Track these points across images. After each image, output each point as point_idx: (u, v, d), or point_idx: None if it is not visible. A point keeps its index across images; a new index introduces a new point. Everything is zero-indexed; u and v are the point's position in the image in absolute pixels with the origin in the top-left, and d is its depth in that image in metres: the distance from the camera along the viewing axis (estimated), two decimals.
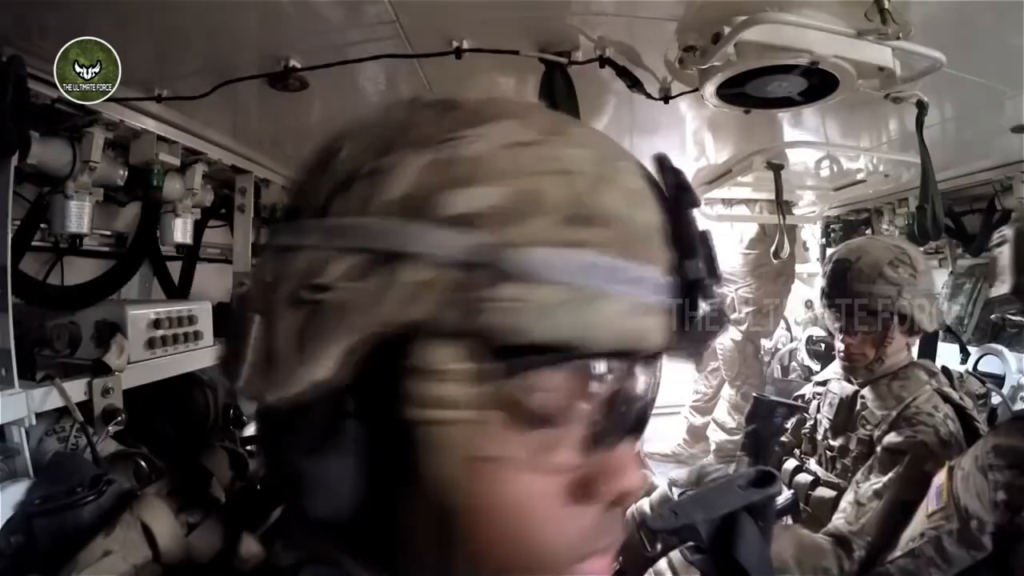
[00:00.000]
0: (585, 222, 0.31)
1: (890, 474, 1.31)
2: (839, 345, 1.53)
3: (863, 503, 1.31)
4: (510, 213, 0.30)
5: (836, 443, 1.51)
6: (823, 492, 1.48)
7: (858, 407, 1.49)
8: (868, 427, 1.44)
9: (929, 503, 1.17)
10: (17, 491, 1.05)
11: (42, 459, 1.24)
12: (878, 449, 1.38)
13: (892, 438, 1.36)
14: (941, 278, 2.66)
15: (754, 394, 1.97)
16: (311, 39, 1.11)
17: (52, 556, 0.51)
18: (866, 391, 1.49)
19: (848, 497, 1.36)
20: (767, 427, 1.72)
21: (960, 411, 1.39)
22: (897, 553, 1.18)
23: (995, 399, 1.87)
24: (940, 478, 1.17)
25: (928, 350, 2.10)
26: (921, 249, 1.67)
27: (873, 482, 1.33)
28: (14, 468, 1.14)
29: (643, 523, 0.69)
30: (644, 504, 1.87)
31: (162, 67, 1.22)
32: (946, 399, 1.41)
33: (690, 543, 0.61)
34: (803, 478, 1.54)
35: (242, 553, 0.43)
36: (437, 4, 1.03)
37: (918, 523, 1.18)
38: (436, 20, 1.07)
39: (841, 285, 1.48)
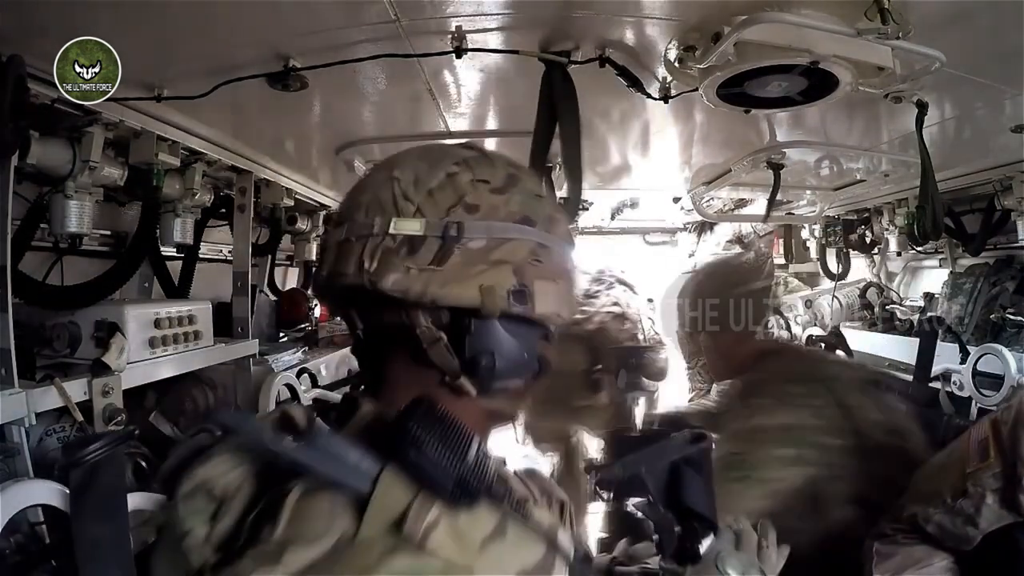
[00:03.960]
0: None
1: None
2: None
3: None
4: None
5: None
6: None
7: None
8: None
9: (969, 459, 1.12)
10: (17, 491, 1.05)
11: (42, 459, 1.25)
12: None
13: None
14: (941, 278, 2.66)
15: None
16: (311, 39, 1.11)
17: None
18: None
19: None
20: None
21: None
22: (930, 508, 1.13)
23: (993, 400, 1.88)
24: (981, 433, 1.13)
25: (927, 349, 2.10)
26: (920, 249, 1.69)
27: None
28: (14, 468, 1.14)
29: (599, 479, 0.82)
30: None
31: (162, 67, 1.22)
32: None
33: (638, 499, 0.73)
34: None
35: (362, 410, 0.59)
36: (437, 4, 1.03)
37: (955, 477, 1.13)
38: (436, 20, 1.07)
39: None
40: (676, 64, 1.16)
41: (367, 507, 0.47)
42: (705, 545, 0.73)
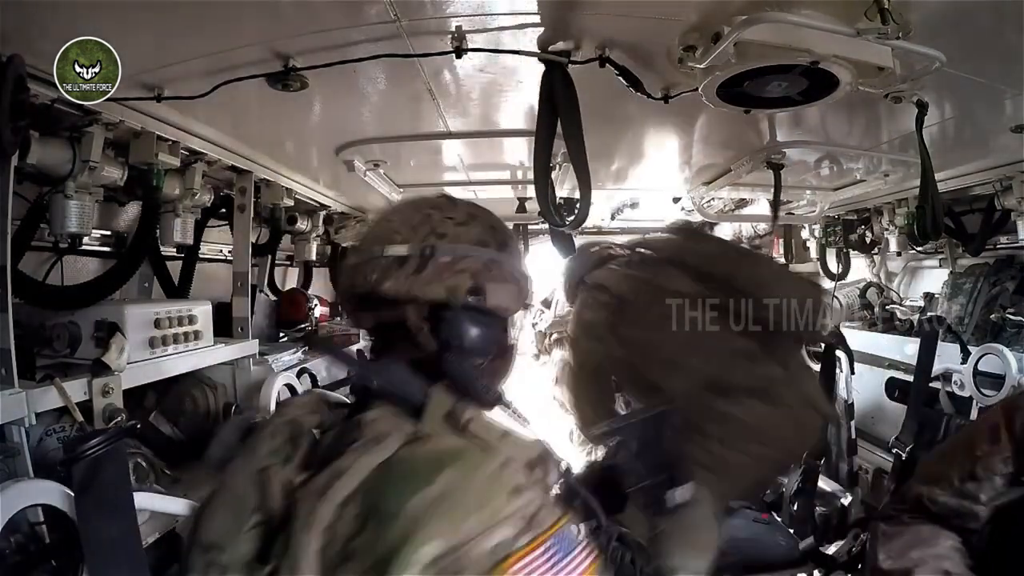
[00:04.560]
0: None
1: None
2: None
3: None
4: None
5: None
6: None
7: None
8: None
9: (979, 443, 1.14)
10: (17, 491, 1.05)
11: (42, 459, 1.25)
12: None
13: None
14: (941, 278, 2.66)
15: None
16: (311, 39, 1.11)
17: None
18: None
19: None
20: None
21: None
22: (936, 489, 1.16)
23: (993, 399, 1.88)
24: (993, 418, 1.15)
25: (928, 349, 2.10)
26: (920, 249, 1.67)
27: None
28: (14, 468, 1.14)
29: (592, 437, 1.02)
30: None
31: (162, 67, 1.22)
32: None
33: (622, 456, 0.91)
34: None
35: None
36: (437, 4, 1.03)
37: (963, 460, 1.15)
38: (436, 20, 1.07)
39: None
40: (676, 64, 1.16)
41: (424, 410, 0.69)
42: (677, 495, 0.89)
